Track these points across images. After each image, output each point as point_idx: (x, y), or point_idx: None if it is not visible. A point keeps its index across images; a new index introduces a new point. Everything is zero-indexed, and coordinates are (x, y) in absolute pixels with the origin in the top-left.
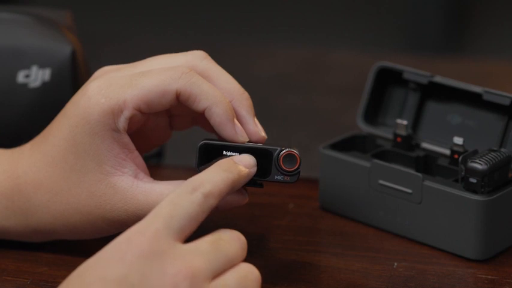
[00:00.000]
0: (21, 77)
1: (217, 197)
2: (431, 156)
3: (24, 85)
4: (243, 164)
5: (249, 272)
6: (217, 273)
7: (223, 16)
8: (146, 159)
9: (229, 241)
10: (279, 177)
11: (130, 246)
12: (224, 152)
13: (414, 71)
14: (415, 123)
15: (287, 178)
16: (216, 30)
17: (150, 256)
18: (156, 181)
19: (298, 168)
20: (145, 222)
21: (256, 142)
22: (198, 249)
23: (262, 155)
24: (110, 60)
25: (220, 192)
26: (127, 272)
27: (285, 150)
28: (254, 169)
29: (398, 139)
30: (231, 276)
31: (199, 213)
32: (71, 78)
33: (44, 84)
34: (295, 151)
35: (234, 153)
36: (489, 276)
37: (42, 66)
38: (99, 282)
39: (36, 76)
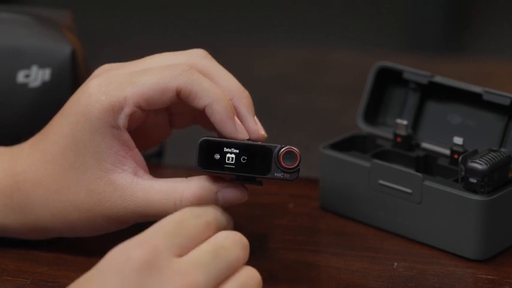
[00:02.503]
0: (21, 77)
1: (217, 230)
2: (431, 156)
3: (24, 85)
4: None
5: (250, 277)
6: (218, 283)
7: (223, 16)
8: (146, 158)
9: (231, 247)
10: (279, 175)
11: (128, 259)
12: (224, 149)
13: (414, 71)
14: (415, 123)
15: (287, 175)
16: (216, 30)
17: (148, 270)
18: (155, 178)
19: (298, 165)
20: (146, 236)
21: (255, 140)
22: (198, 261)
23: (262, 152)
24: (110, 60)
25: (224, 228)
26: (125, 286)
27: (285, 148)
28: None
29: (398, 139)
30: (232, 285)
31: (202, 236)
32: (71, 78)
33: (44, 84)
34: (295, 148)
35: (236, 150)
36: (489, 276)
37: (42, 66)
38: None
39: (36, 76)
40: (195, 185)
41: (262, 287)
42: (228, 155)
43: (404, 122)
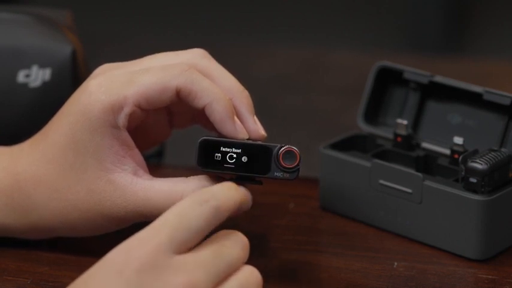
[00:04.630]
0: (21, 77)
1: (225, 213)
2: (431, 156)
3: (25, 85)
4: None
5: (250, 276)
6: (219, 282)
7: (223, 16)
8: (146, 158)
9: (231, 246)
10: (279, 174)
11: (129, 259)
12: (224, 149)
13: (414, 71)
14: (415, 123)
15: (286, 175)
16: (216, 30)
17: (148, 270)
18: (155, 178)
19: (297, 165)
20: (149, 233)
21: (255, 140)
22: (198, 260)
23: (261, 151)
24: (110, 60)
25: (229, 209)
26: (125, 287)
27: (284, 147)
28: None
29: (399, 139)
30: (232, 283)
31: (205, 228)
32: (71, 78)
33: (44, 84)
34: (294, 148)
35: (236, 150)
36: (489, 276)
37: (42, 66)
38: None
39: (36, 76)
40: (195, 185)
41: (262, 287)
42: (228, 154)
43: (405, 122)
